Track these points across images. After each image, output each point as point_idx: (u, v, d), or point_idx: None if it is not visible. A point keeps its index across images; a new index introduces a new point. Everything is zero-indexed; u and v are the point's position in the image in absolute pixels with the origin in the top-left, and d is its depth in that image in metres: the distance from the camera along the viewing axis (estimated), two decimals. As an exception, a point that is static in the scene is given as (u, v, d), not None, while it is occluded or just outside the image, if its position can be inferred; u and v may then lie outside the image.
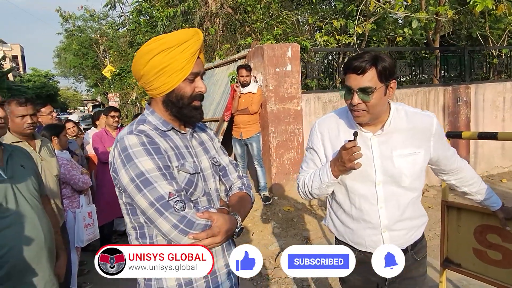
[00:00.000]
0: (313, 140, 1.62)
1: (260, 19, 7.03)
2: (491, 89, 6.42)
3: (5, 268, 1.51)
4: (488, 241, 1.96)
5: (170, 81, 1.20)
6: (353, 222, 1.57)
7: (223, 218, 1.18)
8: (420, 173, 1.52)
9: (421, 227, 1.61)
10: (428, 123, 1.49)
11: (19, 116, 2.34)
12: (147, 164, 1.13)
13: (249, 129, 4.81)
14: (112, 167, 1.20)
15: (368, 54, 1.38)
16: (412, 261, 1.58)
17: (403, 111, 1.51)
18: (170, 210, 1.10)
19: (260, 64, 4.99)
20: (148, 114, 1.29)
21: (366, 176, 1.49)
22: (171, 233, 1.10)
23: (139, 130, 1.20)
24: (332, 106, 5.38)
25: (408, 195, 1.51)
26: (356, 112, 1.42)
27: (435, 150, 1.52)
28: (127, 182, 1.13)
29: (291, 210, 4.77)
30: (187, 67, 1.20)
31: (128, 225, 1.26)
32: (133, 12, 9.09)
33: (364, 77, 1.36)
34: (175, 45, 1.18)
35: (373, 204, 1.50)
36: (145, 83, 1.25)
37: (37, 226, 1.63)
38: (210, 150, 1.39)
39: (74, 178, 3.27)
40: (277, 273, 3.57)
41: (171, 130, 1.28)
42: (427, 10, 6.40)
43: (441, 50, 6.97)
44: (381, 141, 1.48)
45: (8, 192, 1.55)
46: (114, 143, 1.21)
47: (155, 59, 1.18)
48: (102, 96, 27.52)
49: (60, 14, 16.23)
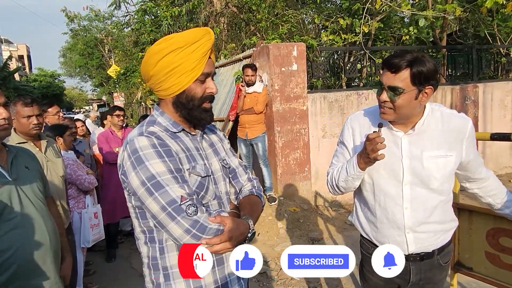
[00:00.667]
0: (344, 134, 1.63)
1: (265, 18, 6.99)
2: (500, 88, 6.34)
3: (11, 270, 1.50)
4: (501, 244, 1.91)
5: (181, 82, 1.17)
6: (377, 221, 1.56)
7: (236, 222, 1.15)
8: (450, 176, 1.49)
9: (449, 232, 1.58)
10: (463, 125, 1.46)
11: (25, 116, 2.32)
12: (158, 167, 1.10)
13: (254, 129, 4.78)
14: (121, 169, 1.17)
15: (410, 55, 1.35)
16: (437, 265, 1.57)
17: (439, 111, 1.48)
18: (182, 214, 1.07)
19: (265, 63, 4.96)
20: (157, 115, 1.25)
21: (393, 175, 1.48)
22: (183, 238, 1.07)
23: (150, 132, 1.17)
24: (338, 106, 5.33)
25: (436, 198, 1.49)
26: (382, 109, 1.42)
27: (466, 154, 1.48)
28: (137, 185, 1.10)
29: (297, 211, 4.74)
30: (198, 68, 1.17)
31: (137, 229, 1.24)
32: (138, 11, 9.09)
33: (396, 76, 1.35)
34: (186, 44, 1.15)
35: (398, 204, 1.49)
36: (154, 84, 1.21)
37: (42, 228, 1.62)
38: (220, 152, 1.36)
39: (80, 178, 3.26)
40: (283, 275, 3.54)
41: (182, 132, 1.25)
42: (434, 8, 6.33)
43: (448, 48, 6.90)
44: (412, 141, 1.46)
45: (12, 194, 1.54)
46: (124, 145, 1.18)
47: (165, 59, 1.15)
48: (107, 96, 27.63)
49: (65, 14, 16.30)
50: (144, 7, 8.80)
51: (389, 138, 1.48)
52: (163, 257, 1.19)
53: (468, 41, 7.63)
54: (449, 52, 6.81)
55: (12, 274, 1.49)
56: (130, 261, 4.16)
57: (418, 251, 1.52)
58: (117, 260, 4.17)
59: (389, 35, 7.96)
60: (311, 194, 5.17)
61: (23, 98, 2.37)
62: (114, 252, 4.24)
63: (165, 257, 1.19)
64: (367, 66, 6.25)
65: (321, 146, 5.28)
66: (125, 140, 1.20)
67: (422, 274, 1.56)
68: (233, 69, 5.86)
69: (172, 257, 1.18)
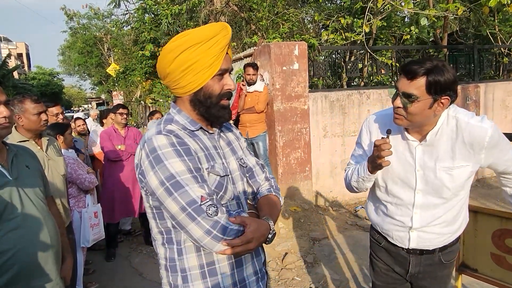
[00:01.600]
0: (362, 135, 1.64)
1: (266, 17, 6.96)
2: (501, 88, 6.33)
3: (12, 271, 1.47)
4: (507, 246, 1.89)
5: (198, 79, 1.15)
6: (386, 217, 1.60)
7: (256, 223, 1.12)
8: (465, 184, 1.47)
9: (456, 233, 1.57)
10: (480, 136, 1.37)
11: (36, 113, 2.33)
12: (178, 166, 1.07)
13: (255, 128, 4.76)
14: (138, 169, 1.14)
15: (430, 62, 1.31)
16: (438, 261, 1.58)
17: (455, 119, 1.41)
18: (203, 215, 1.04)
19: (266, 62, 4.93)
20: (174, 113, 1.23)
21: (407, 182, 1.49)
22: (203, 240, 1.05)
23: (168, 130, 1.14)
24: (340, 105, 5.31)
25: (447, 205, 1.49)
26: (395, 114, 1.41)
27: (486, 160, 1.43)
28: (156, 185, 1.07)
29: (298, 211, 4.72)
30: (215, 64, 1.15)
31: (154, 229, 1.21)
32: (138, 10, 9.05)
33: (411, 84, 1.32)
34: (203, 40, 1.12)
35: (409, 209, 1.51)
36: (171, 82, 1.18)
37: (43, 228, 1.59)
38: (237, 151, 1.34)
39: (81, 177, 3.23)
40: (284, 275, 3.52)
41: (200, 130, 1.22)
42: (435, 7, 6.31)
43: (449, 48, 6.88)
44: (426, 150, 1.45)
45: (13, 194, 1.52)
46: (141, 144, 1.15)
47: (181, 56, 1.12)
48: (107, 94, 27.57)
49: (65, 12, 16.24)
50: (144, 5, 8.76)
51: (404, 146, 1.49)
52: (181, 258, 1.16)
53: (469, 41, 7.62)
54: (450, 52, 6.79)
55: (13, 276, 1.47)
56: (130, 260, 4.14)
57: (418, 247, 1.55)
58: (116, 260, 4.15)
59: (390, 34, 7.93)
60: (312, 194, 5.15)
61: (29, 96, 2.38)
62: (114, 252, 4.22)
63: (183, 258, 1.16)
64: (368, 66, 6.23)
65: (322, 146, 5.26)
66: (142, 139, 1.17)
67: (421, 267, 1.58)
68: (233, 68, 5.83)
69: (191, 259, 1.16)
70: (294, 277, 3.48)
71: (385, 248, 1.66)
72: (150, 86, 11.79)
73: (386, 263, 1.67)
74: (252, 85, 4.70)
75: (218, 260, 1.17)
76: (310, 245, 4.07)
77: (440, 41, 7.23)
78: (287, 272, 3.55)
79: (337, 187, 5.31)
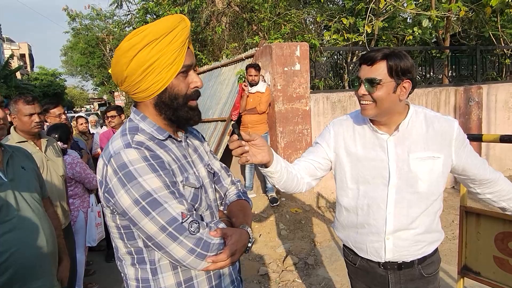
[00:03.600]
0: (324, 136, 1.58)
1: (268, 18, 6.95)
2: (504, 89, 6.30)
3: (8, 274, 1.45)
4: (510, 249, 1.87)
5: (161, 79, 1.03)
6: (358, 227, 1.52)
7: (237, 233, 1.07)
8: (438, 180, 1.42)
9: (433, 244, 1.50)
10: (448, 127, 1.42)
11: (27, 114, 2.30)
12: (154, 182, 0.97)
13: (256, 129, 4.75)
14: (103, 187, 1.02)
15: (386, 49, 1.35)
16: (418, 276, 1.50)
17: (423, 113, 1.45)
18: (185, 233, 0.96)
19: (268, 63, 4.92)
20: (139, 121, 1.10)
21: (380, 178, 1.43)
22: (186, 259, 0.98)
23: (138, 142, 1.03)
24: (341, 106, 5.29)
25: (422, 204, 1.43)
26: (362, 104, 1.39)
27: (458, 157, 1.43)
28: (129, 205, 0.97)
29: (298, 212, 4.70)
30: (178, 60, 1.03)
31: (122, 250, 1.10)
32: (140, 10, 9.06)
33: (372, 68, 1.34)
34: (161, 35, 1.00)
35: (382, 208, 1.44)
36: (130, 86, 1.06)
37: (39, 230, 1.57)
38: (204, 157, 1.25)
39: (89, 176, 3.21)
40: (285, 276, 3.50)
41: (168, 139, 1.12)
42: (438, 8, 6.28)
43: (452, 49, 6.85)
44: (397, 142, 1.42)
45: (9, 195, 1.50)
46: (105, 159, 1.02)
47: (140, 55, 1.00)
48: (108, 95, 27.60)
49: (67, 13, 16.23)
50: (146, 6, 8.77)
51: (374, 142, 1.45)
52: (156, 278, 1.08)
53: (471, 42, 7.58)
54: (452, 53, 6.76)
55: (8, 279, 1.45)
56: (130, 261, 4.12)
57: (395, 260, 1.47)
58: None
59: (392, 35, 7.91)
60: (313, 195, 5.13)
61: (24, 96, 2.35)
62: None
63: (159, 278, 1.07)
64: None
65: (324, 147, 5.23)
66: (105, 152, 1.05)
67: (402, 285, 1.50)
68: (235, 68, 5.82)
69: (167, 277, 1.08)
70: (295, 279, 3.46)
71: (361, 269, 1.57)
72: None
73: (366, 285, 1.59)
74: (254, 86, 4.69)
75: (196, 276, 1.10)
76: (311, 247, 4.05)
77: (442, 42, 7.20)
78: (288, 274, 3.53)
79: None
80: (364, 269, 1.55)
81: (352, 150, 1.49)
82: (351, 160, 1.49)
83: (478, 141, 2.07)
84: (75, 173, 3.07)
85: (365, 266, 1.54)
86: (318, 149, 1.58)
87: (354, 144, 1.49)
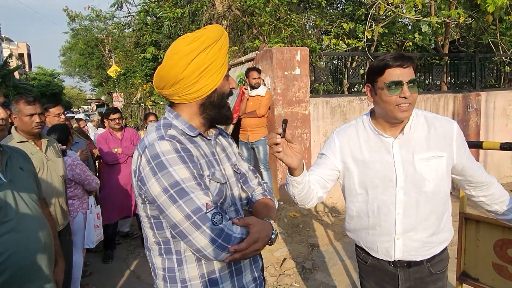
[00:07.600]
0: (330, 146, 1.60)
1: (268, 22, 6.97)
2: (502, 97, 6.33)
3: (5, 275, 1.43)
4: (509, 256, 1.87)
5: (213, 81, 1.13)
6: (368, 229, 1.55)
7: (261, 223, 1.10)
8: (443, 178, 1.47)
9: (442, 244, 1.54)
10: (448, 127, 1.48)
11: (28, 115, 2.30)
12: (183, 173, 1.04)
13: (256, 133, 4.75)
14: (137, 176, 1.09)
15: (398, 53, 1.41)
16: (427, 273, 1.54)
17: (423, 115, 1.50)
18: (208, 223, 1.01)
19: (268, 67, 4.93)
20: (172, 118, 1.18)
21: (387, 181, 1.47)
22: (207, 249, 1.01)
23: (171, 136, 1.11)
24: (341, 111, 5.30)
25: (429, 204, 1.46)
26: (403, 106, 1.38)
27: (458, 156, 1.48)
28: (159, 192, 1.03)
29: (297, 216, 4.70)
30: (225, 64, 1.16)
31: (151, 239, 1.17)
32: (140, 12, 9.07)
33: (410, 70, 1.37)
34: (214, 41, 1.11)
35: (391, 210, 1.47)
36: (182, 88, 1.13)
37: (38, 231, 1.56)
38: (231, 157, 1.32)
39: (89, 178, 3.20)
40: (282, 280, 3.49)
41: (198, 136, 1.20)
42: (437, 14, 6.32)
43: (451, 56, 6.89)
44: (402, 145, 1.46)
45: (8, 196, 1.48)
46: (140, 150, 1.10)
47: (198, 59, 1.09)
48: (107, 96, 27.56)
49: (67, 14, 16.24)
50: (146, 8, 8.78)
51: (380, 146, 1.48)
52: (181, 269, 1.13)
53: (470, 49, 7.63)
54: (451, 60, 6.80)
55: (5, 280, 1.43)
56: (127, 262, 4.11)
57: (404, 259, 1.51)
58: (114, 262, 4.12)
59: (392, 41, 7.95)
60: (311, 199, 5.12)
61: (25, 97, 2.35)
62: (112, 254, 4.19)
63: (184, 268, 1.13)
64: (370, 72, 6.22)
65: (322, 151, 5.23)
66: (140, 144, 1.13)
67: (411, 282, 1.54)
68: (235, 71, 5.83)
69: (191, 269, 1.13)
70: (292, 283, 3.45)
71: (372, 267, 1.61)
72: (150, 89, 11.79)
73: (376, 283, 1.62)
74: (255, 89, 4.69)
75: (218, 269, 1.14)
76: (309, 251, 4.04)
77: (441, 49, 7.25)
78: (285, 278, 3.52)
79: (337, 193, 5.23)
80: (374, 267, 1.60)
81: (358, 156, 1.52)
82: (358, 166, 1.52)
83: (478, 148, 2.08)
84: (75, 174, 3.06)
85: (375, 264, 1.58)
86: (326, 160, 1.59)
87: (360, 150, 1.52)
